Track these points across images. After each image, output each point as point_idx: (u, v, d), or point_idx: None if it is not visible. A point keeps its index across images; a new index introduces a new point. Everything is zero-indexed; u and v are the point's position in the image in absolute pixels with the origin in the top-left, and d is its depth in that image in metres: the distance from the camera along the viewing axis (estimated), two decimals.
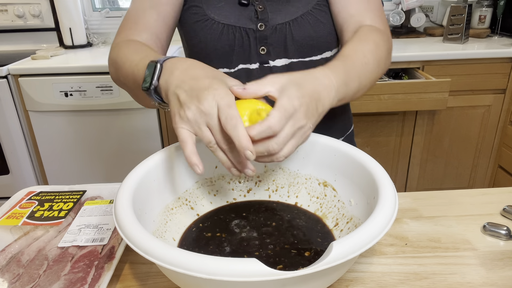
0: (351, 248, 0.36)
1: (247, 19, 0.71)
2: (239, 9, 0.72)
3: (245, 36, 0.72)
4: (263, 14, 0.71)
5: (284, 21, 0.71)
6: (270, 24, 0.71)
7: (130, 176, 0.49)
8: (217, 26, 0.71)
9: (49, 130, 1.68)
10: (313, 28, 0.72)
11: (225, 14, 0.72)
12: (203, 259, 0.35)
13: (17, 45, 2.04)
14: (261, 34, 0.71)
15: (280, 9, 0.72)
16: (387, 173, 0.48)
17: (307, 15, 0.72)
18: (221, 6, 0.72)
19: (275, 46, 0.72)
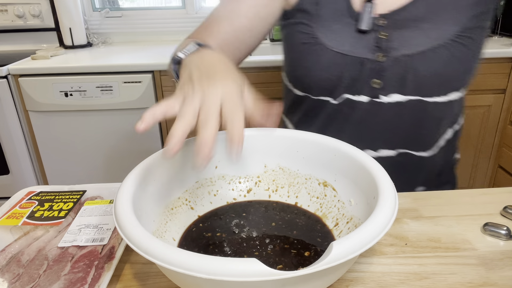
0: (351, 248, 0.36)
1: (364, 48, 0.63)
2: (357, 36, 0.63)
3: (358, 66, 0.63)
4: (385, 42, 0.62)
5: (409, 53, 0.61)
6: (392, 55, 0.62)
7: (130, 176, 0.49)
8: (327, 53, 0.63)
9: (49, 130, 1.68)
10: (445, 65, 0.60)
11: (339, 40, 0.63)
12: (203, 259, 0.35)
13: (17, 45, 2.04)
14: (378, 65, 0.62)
15: (407, 38, 0.61)
16: (387, 173, 0.48)
17: (440, 48, 0.60)
18: (336, 29, 0.64)
19: (392, 80, 0.63)
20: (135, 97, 1.62)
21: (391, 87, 0.64)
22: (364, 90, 0.65)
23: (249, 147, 0.61)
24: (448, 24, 0.61)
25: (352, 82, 0.65)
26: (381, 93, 0.64)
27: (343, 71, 0.64)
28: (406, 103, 0.64)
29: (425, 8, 0.62)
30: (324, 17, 0.65)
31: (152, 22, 2.08)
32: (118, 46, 2.01)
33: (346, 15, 0.64)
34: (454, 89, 0.65)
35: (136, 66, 1.59)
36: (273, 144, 0.61)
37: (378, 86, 0.64)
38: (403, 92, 0.64)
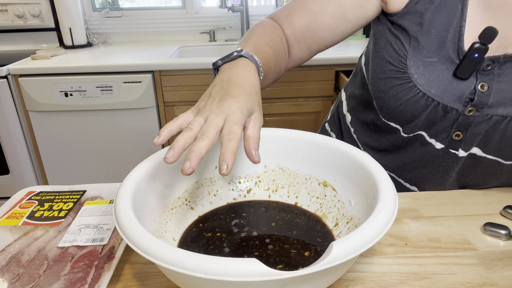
0: (351, 248, 0.36)
1: (455, 96, 0.55)
2: (452, 79, 0.54)
3: (442, 114, 0.56)
4: (482, 97, 0.53)
5: (505, 114, 0.53)
6: (485, 113, 0.54)
7: (130, 176, 0.49)
8: (410, 88, 0.56)
9: (49, 130, 1.68)
10: None
11: (429, 79, 0.55)
12: (203, 259, 0.35)
13: (17, 45, 2.04)
14: (465, 119, 0.55)
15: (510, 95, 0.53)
16: (387, 173, 0.48)
17: None
18: (430, 62, 0.55)
19: (475, 136, 0.56)
20: (135, 97, 1.62)
21: (472, 144, 0.57)
22: (442, 137, 0.59)
23: None
24: None
25: (429, 124, 0.58)
26: (460, 147, 0.58)
27: (421, 112, 0.57)
28: (482, 159, 0.59)
29: None
30: (423, 44, 0.56)
31: (152, 22, 2.08)
32: (118, 46, 2.01)
33: (450, 49, 0.55)
34: None
35: (136, 66, 1.59)
36: (273, 144, 0.61)
37: (458, 138, 0.57)
38: (483, 149, 0.57)
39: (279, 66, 0.65)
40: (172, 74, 1.61)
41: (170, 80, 1.62)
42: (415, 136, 0.61)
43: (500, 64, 0.53)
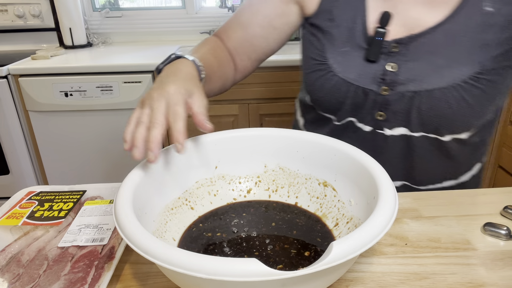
0: (351, 248, 0.36)
1: (370, 78, 0.60)
2: (365, 63, 0.60)
3: (362, 96, 0.61)
4: (392, 76, 0.59)
5: (416, 90, 0.57)
6: (398, 90, 0.59)
7: (130, 176, 0.49)
8: (331, 77, 0.62)
9: (49, 130, 1.68)
10: (451, 107, 0.56)
11: (345, 66, 0.61)
12: (203, 259, 0.35)
13: (17, 45, 2.04)
14: (382, 98, 0.60)
15: (417, 72, 0.58)
16: (387, 173, 0.48)
17: (450, 89, 0.56)
18: (344, 52, 0.62)
19: (396, 114, 0.61)
20: (135, 97, 1.62)
21: (396, 121, 0.61)
22: (368, 121, 0.63)
23: (249, 147, 0.61)
24: (465, 63, 0.56)
25: (355, 108, 0.63)
26: (385, 126, 0.62)
27: (346, 97, 0.62)
28: (411, 138, 0.62)
29: (443, 41, 0.57)
30: (336, 37, 0.62)
31: (152, 22, 2.08)
32: (118, 46, 2.01)
33: (358, 37, 0.61)
34: (461, 131, 0.60)
35: (136, 66, 1.59)
36: (273, 144, 0.61)
37: (382, 118, 0.62)
38: (408, 127, 0.61)
39: (224, 74, 0.70)
40: None
41: None
42: (347, 123, 0.66)
43: (405, 44, 0.59)
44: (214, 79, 0.65)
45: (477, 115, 0.58)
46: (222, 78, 0.69)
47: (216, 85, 0.68)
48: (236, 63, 0.75)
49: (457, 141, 0.62)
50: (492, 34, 0.56)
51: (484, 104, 0.57)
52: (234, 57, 0.74)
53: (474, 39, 0.56)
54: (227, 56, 0.72)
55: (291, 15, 0.69)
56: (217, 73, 0.66)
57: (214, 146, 0.60)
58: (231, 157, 0.62)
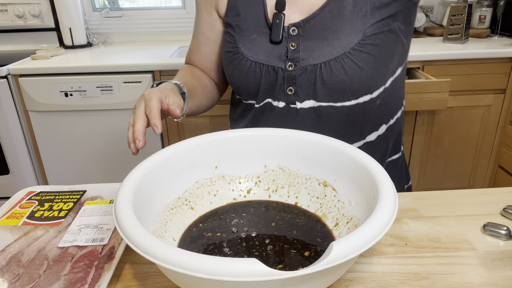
0: (351, 248, 0.36)
1: (276, 57, 0.68)
2: (270, 46, 0.69)
3: (273, 74, 0.69)
4: (294, 53, 0.67)
5: (315, 63, 0.65)
6: (300, 65, 0.66)
7: (130, 176, 0.49)
8: (245, 62, 0.70)
9: (49, 130, 1.68)
10: (347, 73, 0.64)
11: (255, 50, 0.69)
12: (203, 259, 0.35)
13: (17, 45, 2.04)
14: (289, 74, 0.67)
15: (314, 48, 0.66)
16: (387, 173, 0.48)
17: (342, 57, 0.64)
18: (253, 39, 0.70)
19: (303, 88, 0.68)
20: (135, 97, 1.62)
21: (304, 94, 0.68)
22: (281, 97, 0.70)
23: (249, 147, 0.61)
24: (350, 33, 0.64)
25: (270, 88, 0.70)
26: (296, 100, 0.69)
27: (260, 78, 0.70)
28: (319, 108, 0.68)
29: (330, 18, 0.66)
30: (244, 28, 0.71)
31: (152, 22, 2.08)
32: (118, 46, 2.01)
33: (262, 25, 0.70)
34: (362, 93, 0.67)
35: (136, 66, 1.59)
36: (273, 144, 0.61)
37: (291, 92, 0.69)
38: (315, 98, 0.68)
39: (206, 87, 0.80)
40: (172, 74, 1.61)
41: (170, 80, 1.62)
42: (265, 105, 0.72)
43: (301, 27, 0.67)
44: (198, 94, 0.75)
45: (370, 76, 0.66)
46: (205, 91, 0.79)
47: (202, 99, 0.77)
48: (213, 78, 0.85)
49: (360, 105, 0.69)
50: (367, 6, 0.65)
51: (374, 66, 0.65)
52: (208, 74, 0.84)
53: (353, 12, 0.65)
54: (203, 74, 0.83)
55: (217, 24, 0.78)
56: (198, 88, 0.76)
57: (214, 146, 0.60)
58: (231, 157, 0.62)
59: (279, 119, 0.71)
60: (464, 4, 1.75)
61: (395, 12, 0.65)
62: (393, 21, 0.65)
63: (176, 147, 0.57)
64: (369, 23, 0.64)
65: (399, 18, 0.66)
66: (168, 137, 1.72)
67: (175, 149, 0.57)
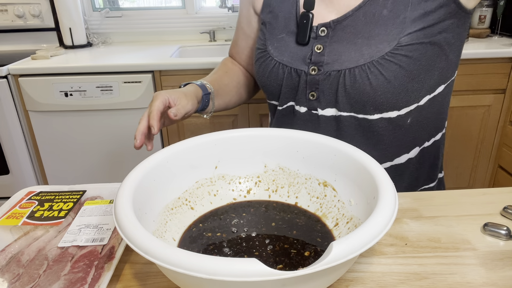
0: (351, 248, 0.36)
1: (300, 60, 0.65)
2: (296, 46, 0.66)
3: (296, 77, 0.66)
4: (318, 56, 0.63)
5: (339, 69, 0.61)
6: (324, 70, 0.63)
7: (130, 176, 0.49)
8: (270, 61, 0.69)
9: (49, 130, 1.68)
10: (371, 83, 0.59)
11: (281, 50, 0.67)
12: (203, 259, 0.35)
13: (17, 45, 2.04)
14: (312, 78, 0.64)
15: (340, 53, 0.62)
16: (387, 173, 0.48)
17: (369, 65, 0.59)
18: (281, 38, 0.68)
19: (325, 94, 0.64)
20: (135, 97, 1.62)
21: (326, 101, 0.65)
22: (303, 102, 0.68)
23: (249, 147, 0.61)
24: (382, 40, 0.59)
25: (292, 91, 0.68)
26: (318, 106, 0.66)
27: (282, 80, 0.68)
28: (340, 117, 0.65)
29: (363, 21, 0.61)
30: (275, 26, 0.70)
31: (152, 22, 2.08)
32: (118, 46, 2.01)
33: (292, 24, 0.67)
34: (388, 109, 0.62)
35: (136, 66, 1.59)
36: (273, 144, 0.61)
37: (313, 98, 0.66)
38: (337, 107, 0.65)
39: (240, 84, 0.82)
40: (172, 74, 1.61)
41: (170, 80, 1.62)
42: (288, 108, 0.71)
43: (331, 28, 0.64)
44: (229, 90, 0.77)
45: (398, 91, 0.60)
46: (238, 87, 0.81)
47: (233, 95, 0.79)
48: (249, 71, 0.85)
49: (385, 121, 0.64)
50: (406, 12, 0.59)
51: (404, 80, 0.60)
52: (245, 67, 0.84)
53: (390, 17, 0.60)
54: (239, 68, 0.84)
55: (252, 19, 0.78)
56: (229, 85, 0.78)
57: (214, 146, 0.60)
58: (231, 157, 0.62)
59: (302, 124, 0.69)
60: None
61: (440, 21, 0.59)
62: (438, 32, 0.59)
63: (176, 147, 0.57)
64: (407, 31, 0.58)
65: (445, 29, 0.60)
66: (168, 137, 1.72)
67: (175, 149, 0.57)
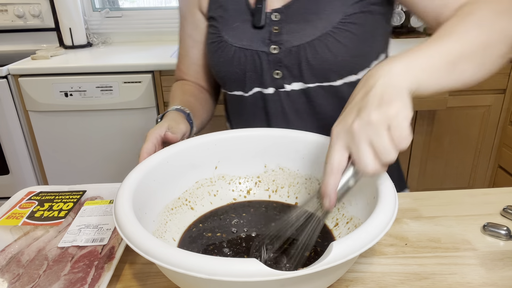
0: (351, 248, 0.36)
1: (260, 42, 0.68)
2: (253, 31, 0.69)
3: (257, 59, 0.69)
4: (277, 36, 0.67)
5: (299, 44, 0.66)
6: (285, 47, 0.67)
7: (130, 176, 0.49)
8: (229, 49, 0.70)
9: (49, 130, 1.68)
10: (331, 51, 0.65)
11: (238, 36, 0.70)
12: (203, 259, 0.35)
13: (17, 45, 2.04)
14: (275, 57, 0.68)
15: (297, 30, 0.67)
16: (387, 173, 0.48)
17: (325, 36, 0.65)
18: (236, 26, 0.71)
19: (290, 70, 0.68)
20: (135, 97, 1.62)
21: (291, 77, 0.69)
22: (268, 82, 0.70)
23: (249, 147, 0.61)
24: (331, 13, 0.66)
25: (257, 74, 0.70)
26: (284, 83, 0.69)
27: (245, 64, 0.70)
28: (308, 89, 0.69)
29: (309, 1, 0.67)
30: (227, 18, 0.72)
31: (152, 22, 2.08)
32: (118, 46, 2.01)
33: (245, 13, 0.71)
34: (349, 73, 0.68)
35: (136, 66, 1.59)
36: (273, 144, 0.61)
37: (279, 76, 0.69)
38: (302, 80, 0.68)
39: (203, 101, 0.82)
40: (172, 74, 1.60)
41: (170, 80, 1.62)
42: (255, 95, 0.72)
43: (284, 13, 0.68)
44: (198, 110, 0.77)
45: (354, 54, 0.66)
46: (203, 105, 0.81)
47: (203, 114, 0.79)
48: (204, 86, 0.85)
49: (348, 85, 0.68)
50: None
51: (357, 44, 0.66)
52: (199, 82, 0.84)
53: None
54: (195, 87, 0.83)
55: (200, 22, 0.79)
56: (197, 105, 0.78)
57: (214, 146, 0.60)
58: (231, 157, 0.62)
59: (272, 107, 0.71)
60: None
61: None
62: (371, 3, 0.66)
63: (176, 147, 0.57)
64: (349, 3, 0.65)
65: (377, 1, 0.67)
66: None
67: (175, 149, 0.57)
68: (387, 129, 0.39)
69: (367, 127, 0.39)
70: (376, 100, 0.40)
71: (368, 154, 0.39)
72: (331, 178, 0.42)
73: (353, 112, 0.41)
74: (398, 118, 0.39)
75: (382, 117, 0.39)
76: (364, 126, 0.39)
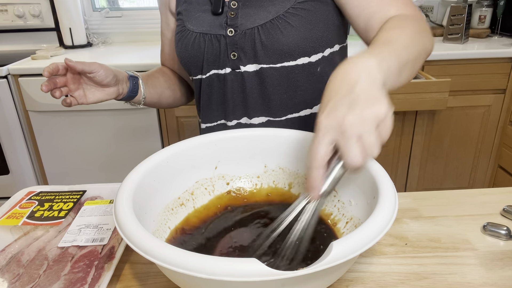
0: (351, 248, 0.36)
1: (218, 26, 0.73)
2: (213, 17, 0.75)
3: (216, 42, 0.74)
4: (233, 20, 0.72)
5: (253, 26, 0.71)
6: (240, 30, 0.72)
7: (130, 176, 0.49)
8: (191, 35, 0.76)
9: (49, 130, 1.68)
10: (282, 32, 0.70)
11: (199, 24, 0.76)
12: (203, 259, 0.35)
13: (17, 45, 2.04)
14: (231, 40, 0.72)
15: (251, 14, 0.72)
16: (387, 173, 0.48)
17: (277, 19, 0.70)
18: (197, 16, 0.76)
19: (245, 51, 0.72)
20: None
21: (246, 58, 0.73)
22: (226, 64, 0.75)
23: (249, 147, 0.61)
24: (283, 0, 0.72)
25: (215, 57, 0.75)
26: (240, 64, 0.74)
27: (205, 47, 0.75)
28: (261, 70, 0.73)
29: None
30: (190, 9, 0.78)
31: (152, 22, 2.08)
32: (118, 46, 2.01)
33: (206, 4, 0.77)
34: (300, 54, 0.72)
35: (136, 66, 1.59)
36: (273, 144, 0.61)
37: (235, 58, 0.73)
38: (257, 61, 0.73)
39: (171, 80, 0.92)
40: None
41: None
42: (212, 76, 0.77)
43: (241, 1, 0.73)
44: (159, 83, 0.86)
45: (304, 36, 0.70)
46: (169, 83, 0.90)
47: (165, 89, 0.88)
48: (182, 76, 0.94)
49: (300, 67, 0.73)
50: None
51: (307, 27, 0.70)
52: (177, 72, 0.94)
53: None
54: (170, 71, 0.93)
55: (170, 21, 0.88)
56: (160, 79, 0.87)
57: (214, 146, 0.60)
58: (231, 157, 0.62)
59: (229, 86, 0.76)
60: (464, 4, 1.75)
61: None
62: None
63: (176, 147, 0.57)
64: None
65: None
66: (168, 137, 1.72)
67: (175, 149, 0.57)
68: (377, 127, 0.41)
69: (360, 123, 0.40)
70: (366, 97, 0.42)
71: (357, 149, 0.40)
72: (317, 171, 0.43)
73: (343, 106, 0.42)
74: (387, 117, 0.41)
75: (374, 115, 0.41)
76: (358, 122, 0.40)
